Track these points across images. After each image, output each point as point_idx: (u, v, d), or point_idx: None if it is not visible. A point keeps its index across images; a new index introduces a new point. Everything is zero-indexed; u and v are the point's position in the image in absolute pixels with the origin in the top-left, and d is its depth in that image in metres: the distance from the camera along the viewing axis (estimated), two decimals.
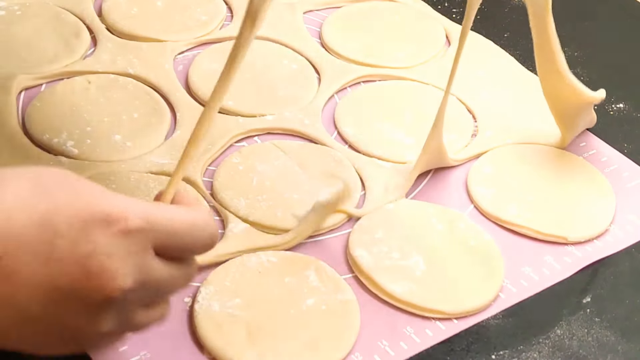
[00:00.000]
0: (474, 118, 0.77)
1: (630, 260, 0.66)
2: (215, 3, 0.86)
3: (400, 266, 0.61)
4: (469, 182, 0.70)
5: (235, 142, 0.72)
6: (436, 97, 0.78)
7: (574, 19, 0.92)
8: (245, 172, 0.68)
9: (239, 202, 0.65)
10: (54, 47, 0.78)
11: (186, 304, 0.59)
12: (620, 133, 0.77)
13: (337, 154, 0.71)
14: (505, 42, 0.86)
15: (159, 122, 0.72)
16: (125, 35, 0.81)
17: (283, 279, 0.60)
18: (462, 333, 0.59)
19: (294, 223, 0.64)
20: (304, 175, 0.68)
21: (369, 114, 0.75)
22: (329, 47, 0.83)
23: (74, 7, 0.84)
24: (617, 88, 0.82)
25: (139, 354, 0.55)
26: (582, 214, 0.67)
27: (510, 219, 0.66)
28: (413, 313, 0.59)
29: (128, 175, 0.66)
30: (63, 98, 0.73)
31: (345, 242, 0.64)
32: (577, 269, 0.64)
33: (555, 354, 0.58)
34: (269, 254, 0.61)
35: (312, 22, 0.87)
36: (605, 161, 0.74)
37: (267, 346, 0.55)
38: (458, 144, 0.73)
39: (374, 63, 0.81)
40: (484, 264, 0.63)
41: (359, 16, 0.87)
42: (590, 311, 0.62)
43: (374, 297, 0.60)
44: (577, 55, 0.86)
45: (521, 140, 0.74)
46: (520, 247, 0.65)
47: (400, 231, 0.64)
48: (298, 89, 0.77)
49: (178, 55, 0.80)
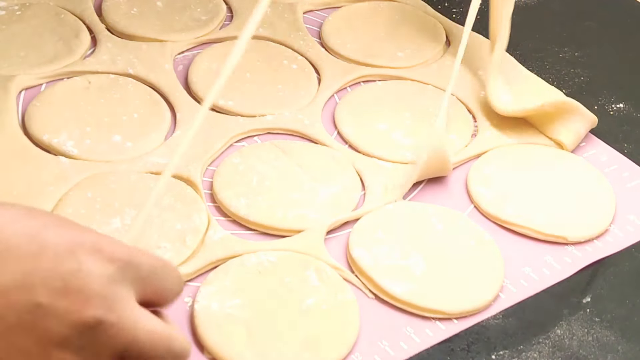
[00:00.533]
0: (474, 118, 0.77)
1: (630, 260, 0.66)
2: (215, 3, 0.86)
3: (400, 266, 0.62)
4: (469, 182, 0.70)
5: (235, 142, 0.72)
6: (436, 97, 0.78)
7: (574, 19, 0.92)
8: (245, 172, 0.68)
9: (239, 202, 0.65)
10: (54, 47, 0.78)
11: (186, 304, 0.59)
12: (620, 133, 0.77)
13: (337, 154, 0.71)
14: None
15: (159, 122, 0.72)
16: (125, 35, 0.81)
17: (283, 279, 0.60)
18: (462, 333, 0.59)
19: (294, 223, 0.64)
20: (304, 175, 0.68)
21: (369, 114, 0.75)
22: (329, 47, 0.83)
23: (74, 7, 0.84)
24: (617, 88, 0.82)
25: None
26: (582, 214, 0.67)
27: (510, 219, 0.66)
28: (413, 313, 0.59)
29: (128, 175, 0.66)
30: (63, 98, 0.73)
31: (345, 242, 0.64)
32: (577, 269, 0.64)
33: (555, 354, 0.58)
34: (269, 254, 0.61)
35: (312, 22, 0.87)
36: (605, 161, 0.74)
37: (267, 346, 0.55)
38: (458, 144, 0.73)
39: (374, 63, 0.81)
40: (484, 264, 0.63)
41: (359, 16, 0.87)
42: (590, 311, 0.62)
43: (374, 297, 0.61)
44: (577, 55, 0.86)
45: (521, 140, 0.74)
46: (520, 247, 0.65)
47: (400, 231, 0.64)
48: (298, 89, 0.77)
49: (178, 55, 0.81)
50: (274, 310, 0.58)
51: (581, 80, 0.83)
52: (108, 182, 0.65)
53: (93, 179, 0.65)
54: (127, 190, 0.65)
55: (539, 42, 0.88)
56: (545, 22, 0.91)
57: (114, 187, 0.65)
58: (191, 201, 0.65)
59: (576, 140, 0.74)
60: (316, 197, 0.66)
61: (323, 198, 0.66)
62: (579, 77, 0.83)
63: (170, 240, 0.61)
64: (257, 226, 0.64)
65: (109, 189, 0.65)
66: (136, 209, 0.63)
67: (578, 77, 0.83)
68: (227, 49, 0.80)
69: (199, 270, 0.60)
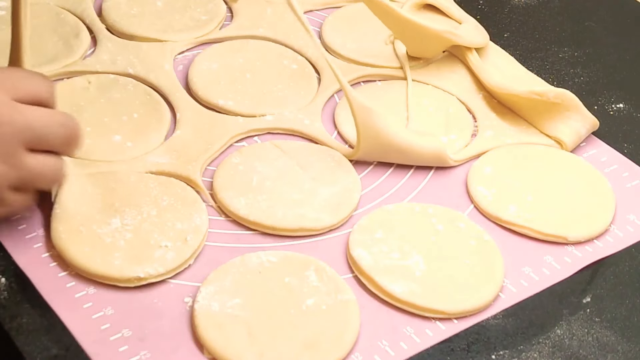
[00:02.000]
0: (474, 118, 0.77)
1: (630, 260, 0.66)
2: (215, 3, 0.86)
3: (400, 266, 0.62)
4: (469, 182, 0.70)
5: (235, 142, 0.72)
6: (436, 97, 0.78)
7: (574, 19, 0.92)
8: (245, 172, 0.68)
9: (239, 202, 0.65)
10: (53, 47, 0.78)
11: (186, 304, 0.59)
12: (620, 133, 0.77)
13: (337, 154, 0.71)
14: (505, 42, 0.86)
15: (159, 122, 0.72)
16: (125, 35, 0.81)
17: (283, 279, 0.60)
18: (462, 333, 0.59)
19: (294, 223, 0.64)
20: (304, 175, 0.68)
21: None
22: (329, 47, 0.83)
23: (74, 7, 0.84)
24: (617, 88, 0.82)
25: (139, 354, 0.55)
26: (582, 214, 0.67)
27: (510, 219, 0.66)
28: (413, 313, 0.59)
29: (128, 175, 0.66)
30: (63, 98, 0.73)
31: (346, 242, 0.64)
32: (577, 269, 0.64)
33: (555, 354, 0.58)
34: (269, 254, 0.61)
35: (312, 22, 0.87)
36: (605, 161, 0.74)
37: (267, 346, 0.55)
38: (458, 144, 0.73)
39: (374, 63, 0.81)
40: (484, 264, 0.63)
41: (359, 16, 0.87)
42: (590, 311, 0.62)
43: (374, 297, 0.61)
44: (577, 55, 0.86)
45: (521, 140, 0.74)
46: (520, 247, 0.65)
47: (400, 231, 0.64)
48: (298, 89, 0.77)
49: (178, 55, 0.80)
50: (274, 310, 0.58)
51: (581, 80, 0.83)
52: (108, 182, 0.65)
53: (93, 179, 0.65)
54: (127, 190, 0.65)
55: (539, 42, 0.88)
56: (545, 22, 0.91)
57: (113, 187, 0.65)
58: (192, 201, 0.65)
59: (576, 140, 0.74)
60: (316, 197, 0.66)
61: (323, 198, 0.66)
62: (579, 77, 0.84)
63: (171, 239, 0.61)
64: (257, 226, 0.64)
65: (109, 189, 0.65)
66: (136, 208, 0.63)
67: (578, 77, 0.83)
68: (227, 49, 0.81)
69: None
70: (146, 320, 0.57)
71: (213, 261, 0.61)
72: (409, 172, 0.71)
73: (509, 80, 0.78)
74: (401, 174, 0.71)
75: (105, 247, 0.60)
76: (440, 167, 0.71)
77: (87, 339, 0.55)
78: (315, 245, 0.64)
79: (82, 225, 0.61)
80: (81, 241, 0.60)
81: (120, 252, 0.60)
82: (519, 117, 0.76)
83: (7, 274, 0.59)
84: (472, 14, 0.86)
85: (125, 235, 0.61)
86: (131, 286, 0.59)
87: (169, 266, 0.60)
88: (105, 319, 0.57)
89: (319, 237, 0.64)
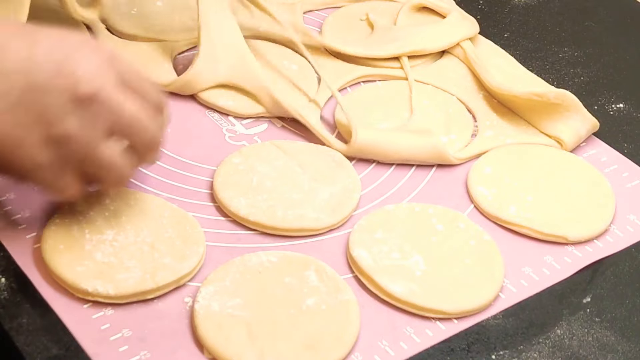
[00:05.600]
0: (474, 118, 0.77)
1: (630, 260, 0.66)
2: None
3: (400, 266, 0.62)
4: (469, 182, 0.70)
5: (235, 142, 0.72)
6: (436, 97, 0.78)
7: (574, 19, 0.92)
8: (245, 172, 0.68)
9: (239, 202, 0.65)
10: None
11: (186, 304, 0.59)
12: (620, 133, 0.77)
13: (337, 154, 0.71)
14: (505, 42, 0.86)
15: None
16: (125, 35, 0.81)
17: (283, 279, 0.60)
18: (462, 333, 0.59)
19: (294, 223, 0.64)
20: (304, 175, 0.68)
21: (369, 114, 0.75)
22: (329, 47, 0.83)
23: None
24: (617, 88, 0.82)
25: (139, 354, 0.55)
26: (582, 214, 0.67)
27: (510, 219, 0.66)
28: (413, 313, 0.59)
29: (151, 198, 0.65)
30: None
31: (346, 242, 0.64)
32: (577, 269, 0.64)
33: (555, 354, 0.58)
34: (269, 254, 0.61)
35: (312, 22, 0.87)
36: (605, 161, 0.74)
37: (267, 346, 0.55)
38: (458, 144, 0.73)
39: (374, 63, 0.81)
40: (484, 264, 0.63)
41: (359, 16, 0.87)
42: (590, 311, 0.62)
43: (374, 297, 0.61)
44: (577, 55, 0.86)
45: (521, 140, 0.74)
46: (520, 247, 0.65)
47: (400, 231, 0.64)
48: (298, 89, 0.77)
49: (178, 55, 0.80)
50: (274, 310, 0.58)
51: (581, 80, 0.83)
52: (129, 199, 0.64)
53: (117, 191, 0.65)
54: (139, 209, 0.63)
55: (539, 42, 0.88)
56: (545, 22, 0.91)
57: (132, 204, 0.64)
58: (192, 242, 0.62)
59: (576, 140, 0.74)
60: (316, 197, 0.66)
61: (323, 198, 0.66)
62: (579, 77, 0.84)
63: (145, 269, 0.59)
64: (257, 226, 0.64)
65: (126, 204, 0.64)
66: (136, 230, 0.62)
67: (578, 77, 0.84)
68: None
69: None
70: (146, 320, 0.57)
71: (213, 261, 0.61)
72: (409, 172, 0.71)
73: (509, 81, 0.78)
74: (401, 174, 0.71)
75: (81, 252, 0.59)
76: (441, 167, 0.71)
77: (87, 339, 0.55)
78: (315, 245, 0.64)
79: (80, 224, 0.61)
80: (63, 238, 0.59)
81: (90, 262, 0.58)
82: (519, 117, 0.76)
83: (7, 274, 0.59)
84: (472, 14, 0.86)
85: (106, 249, 0.59)
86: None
87: (122, 291, 0.57)
88: (105, 319, 0.57)
89: (319, 237, 0.64)
